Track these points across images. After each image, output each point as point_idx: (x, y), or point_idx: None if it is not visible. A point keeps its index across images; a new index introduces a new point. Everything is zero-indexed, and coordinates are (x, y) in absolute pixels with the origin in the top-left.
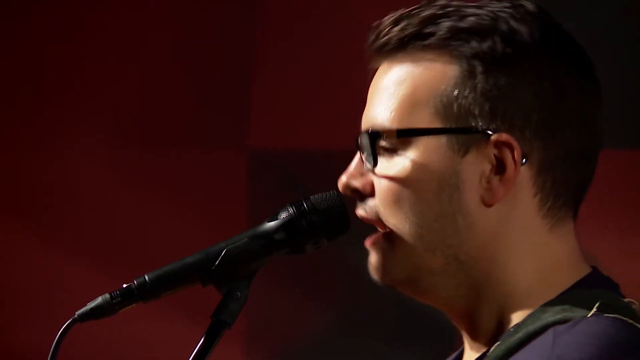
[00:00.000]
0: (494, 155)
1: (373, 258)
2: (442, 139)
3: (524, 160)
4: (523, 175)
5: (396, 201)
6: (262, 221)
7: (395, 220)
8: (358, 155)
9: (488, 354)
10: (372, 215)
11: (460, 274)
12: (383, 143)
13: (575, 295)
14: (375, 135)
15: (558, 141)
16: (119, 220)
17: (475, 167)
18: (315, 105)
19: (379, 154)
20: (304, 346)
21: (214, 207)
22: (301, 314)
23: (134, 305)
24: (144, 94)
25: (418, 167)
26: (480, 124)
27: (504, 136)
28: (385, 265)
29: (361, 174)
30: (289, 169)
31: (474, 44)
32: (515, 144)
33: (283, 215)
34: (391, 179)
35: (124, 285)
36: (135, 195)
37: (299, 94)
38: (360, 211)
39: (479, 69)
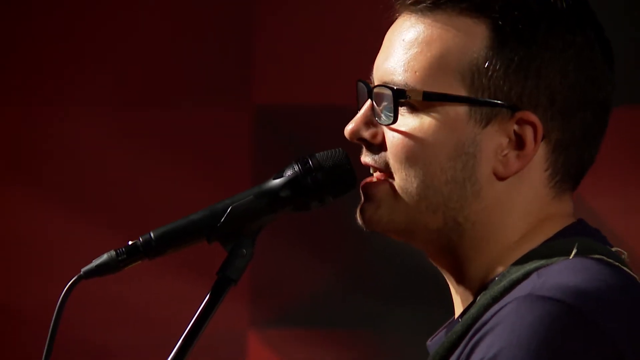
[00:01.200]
0: (514, 130)
1: (370, 203)
2: (466, 108)
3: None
4: (539, 152)
5: (409, 158)
6: (267, 178)
7: (404, 175)
8: (368, 103)
9: (474, 303)
10: (380, 165)
11: (455, 234)
12: (404, 101)
13: (558, 243)
14: (400, 93)
15: (577, 122)
16: (123, 178)
17: (494, 139)
18: (320, 61)
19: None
20: (308, 303)
21: (218, 165)
22: (305, 271)
23: (139, 262)
24: (146, 52)
25: (438, 131)
26: (506, 99)
27: (528, 115)
28: (381, 213)
29: (371, 123)
30: (293, 125)
31: (511, 17)
32: (538, 123)
33: (288, 172)
34: (408, 136)
35: (129, 243)
36: (139, 153)
37: (302, 50)
38: (367, 159)
39: (514, 44)
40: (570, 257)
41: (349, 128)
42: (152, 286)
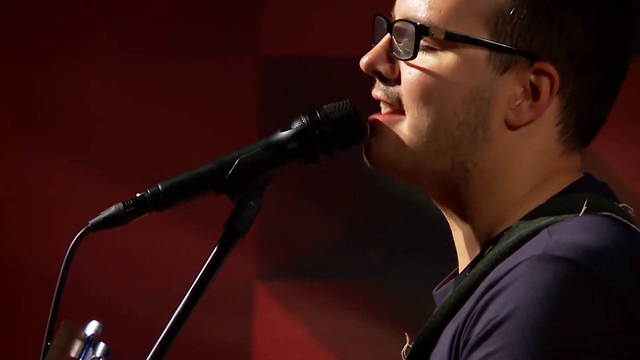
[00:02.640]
0: (531, 80)
1: (377, 139)
2: (486, 52)
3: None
4: (551, 105)
5: (424, 97)
6: (274, 131)
7: (416, 114)
8: (386, 37)
9: (482, 258)
10: (392, 100)
11: (462, 180)
12: (426, 38)
13: (567, 198)
14: (422, 29)
15: (593, 79)
16: (131, 130)
17: (509, 87)
18: (328, 12)
19: (413, 45)
20: (316, 255)
21: (225, 116)
22: (313, 223)
23: (146, 214)
24: (154, 3)
25: (456, 72)
26: (525, 46)
27: (547, 66)
28: (387, 151)
29: (388, 57)
30: (301, 77)
31: None
32: (556, 75)
33: (296, 124)
34: (425, 73)
35: (137, 195)
36: (146, 104)
37: (310, 1)
38: (378, 92)
39: None
40: (580, 215)
41: (364, 60)
42: (159, 239)
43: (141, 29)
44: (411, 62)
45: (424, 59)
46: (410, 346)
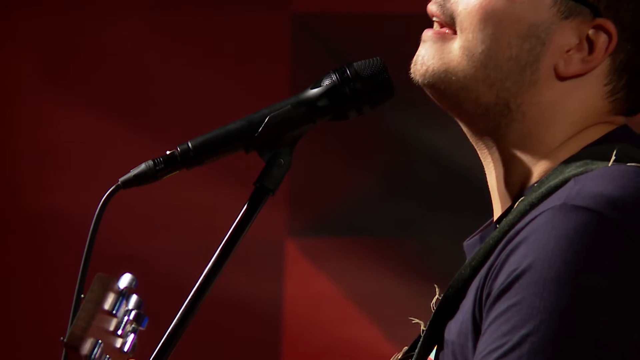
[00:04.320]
0: (588, 34)
1: (426, 51)
2: None
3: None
4: (603, 65)
5: (482, 21)
6: (305, 87)
7: (470, 37)
8: None
9: (512, 209)
10: (446, 17)
11: (503, 120)
12: None
13: (598, 148)
14: None
15: None
16: (162, 85)
17: (567, 35)
18: None
19: None
20: (346, 211)
21: (256, 73)
22: (342, 180)
23: (177, 172)
24: None
25: (520, 4)
26: (596, 2)
27: (609, 24)
28: (435, 66)
29: None
30: (332, 33)
31: None
32: (615, 35)
33: (326, 82)
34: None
35: (167, 152)
36: (177, 60)
37: None
38: (433, 7)
39: None
40: (609, 165)
41: None
42: (190, 195)
43: None
44: None
45: None
46: (440, 298)
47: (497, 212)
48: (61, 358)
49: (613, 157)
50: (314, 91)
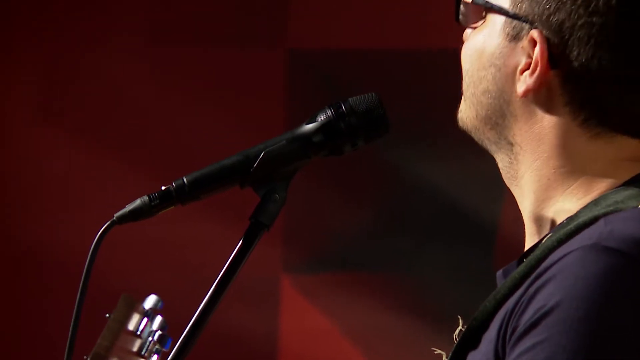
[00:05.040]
0: (530, 50)
1: (461, 104)
2: (503, 19)
3: (554, 65)
4: (553, 81)
5: (463, 60)
6: (300, 123)
7: (466, 78)
8: None
9: (540, 245)
10: None
11: (512, 155)
12: (465, 3)
13: (630, 188)
14: (458, 1)
15: (597, 57)
16: (158, 121)
17: (515, 56)
18: (356, 4)
19: (467, 22)
20: (341, 247)
21: (252, 108)
22: (338, 215)
23: (172, 207)
24: None
25: (478, 40)
26: (530, 18)
27: (536, 32)
28: (461, 114)
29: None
30: (327, 69)
31: None
32: (541, 43)
33: (321, 117)
34: (468, 39)
35: (162, 188)
36: (173, 94)
37: None
38: None
39: None
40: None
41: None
42: (184, 231)
43: (170, 18)
44: (468, 28)
45: (467, 31)
46: (463, 329)
47: (528, 243)
48: None
49: None
50: (309, 126)
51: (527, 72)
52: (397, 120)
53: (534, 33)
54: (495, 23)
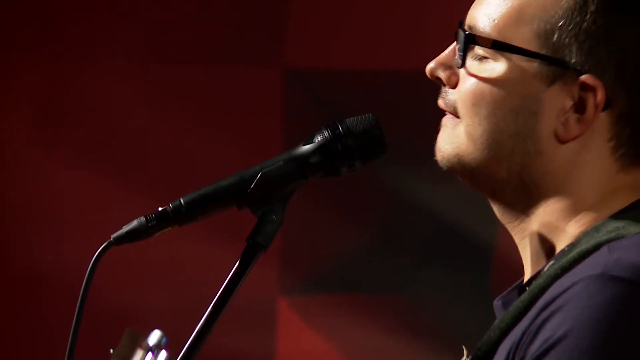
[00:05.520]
0: (578, 94)
1: (441, 137)
2: (534, 63)
3: (605, 106)
4: (602, 120)
5: (475, 105)
6: (298, 143)
7: (469, 122)
8: (454, 44)
9: (542, 272)
10: (450, 108)
11: (521, 191)
12: (477, 47)
13: (630, 214)
14: (471, 38)
15: None
16: (153, 141)
17: (557, 100)
18: (352, 25)
19: (472, 55)
20: (339, 268)
21: (249, 128)
22: (335, 237)
23: (169, 228)
24: (179, 10)
25: (503, 82)
26: (574, 60)
27: (592, 80)
28: (449, 151)
29: (449, 65)
30: (324, 89)
31: None
32: (601, 89)
33: (318, 138)
34: (476, 83)
35: (160, 209)
36: (169, 114)
37: (336, 13)
38: (440, 101)
39: (593, 6)
40: None
41: (429, 65)
42: (181, 252)
43: (167, 38)
44: (468, 70)
45: (478, 68)
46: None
47: (527, 274)
48: None
49: None
50: (306, 147)
51: (573, 116)
52: (394, 141)
53: (588, 79)
54: (520, 65)
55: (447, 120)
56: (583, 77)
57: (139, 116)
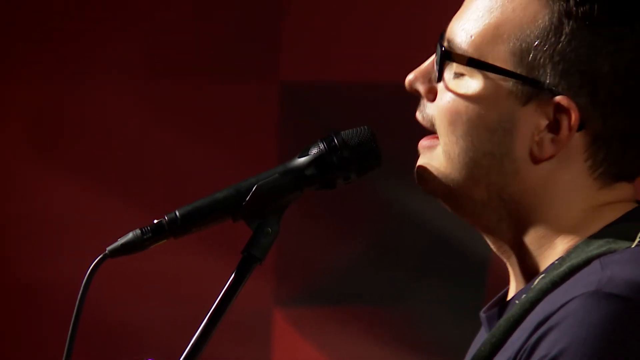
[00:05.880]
0: (552, 114)
1: (420, 162)
2: (509, 82)
3: (580, 127)
4: (577, 140)
5: (452, 122)
6: (293, 155)
7: (447, 140)
8: (432, 58)
9: (532, 286)
10: (427, 123)
11: (503, 211)
12: (452, 63)
13: (620, 227)
14: (447, 54)
15: (621, 117)
16: (149, 155)
17: (531, 119)
18: (348, 38)
19: (449, 71)
20: (334, 280)
21: (244, 141)
22: (330, 249)
23: (164, 241)
24: (175, 25)
25: (479, 100)
26: (548, 81)
27: (566, 101)
28: (429, 174)
29: (429, 78)
30: (319, 102)
31: (571, 1)
32: (575, 111)
33: (314, 150)
34: (452, 99)
35: (155, 221)
36: (165, 129)
37: (331, 27)
38: (418, 115)
39: (567, 28)
40: (633, 246)
41: (408, 77)
42: (176, 264)
43: (162, 52)
44: (446, 85)
45: (455, 85)
46: None
47: (513, 289)
48: None
49: (638, 239)
50: (302, 160)
51: (547, 136)
52: (389, 153)
53: (562, 100)
54: (495, 83)
55: (424, 146)
56: (557, 98)
57: (135, 130)
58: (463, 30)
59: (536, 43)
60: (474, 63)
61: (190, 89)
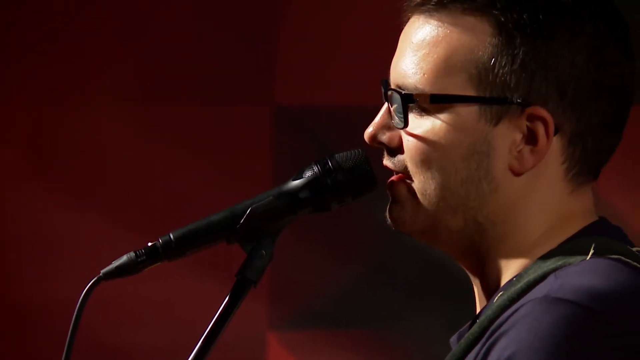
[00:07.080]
0: (527, 126)
1: (393, 205)
2: (475, 107)
3: (555, 131)
4: (553, 145)
5: (424, 161)
6: (287, 178)
7: (421, 179)
8: (386, 105)
9: (491, 304)
10: (400, 168)
11: (476, 235)
12: (414, 105)
13: (576, 243)
14: (407, 97)
15: (592, 112)
16: (144, 178)
17: (506, 136)
18: (341, 62)
19: (412, 113)
20: (328, 304)
21: (239, 164)
22: (324, 272)
23: (159, 263)
24: (168, 49)
25: (449, 132)
26: (515, 95)
27: (538, 110)
28: (404, 214)
29: (388, 126)
30: (314, 125)
31: (514, 12)
32: (549, 118)
33: (308, 173)
34: (421, 139)
35: (149, 244)
36: (160, 151)
37: (324, 50)
38: (387, 162)
39: (518, 40)
40: (588, 258)
41: (367, 132)
42: (171, 287)
43: (157, 77)
44: (407, 130)
45: (418, 125)
46: None
47: (478, 307)
48: None
49: (591, 251)
50: (296, 182)
51: (526, 148)
52: (383, 177)
53: (534, 110)
54: (462, 112)
55: (394, 189)
56: (528, 110)
57: (130, 154)
58: (412, 71)
59: (492, 62)
60: (437, 99)
61: (186, 112)
